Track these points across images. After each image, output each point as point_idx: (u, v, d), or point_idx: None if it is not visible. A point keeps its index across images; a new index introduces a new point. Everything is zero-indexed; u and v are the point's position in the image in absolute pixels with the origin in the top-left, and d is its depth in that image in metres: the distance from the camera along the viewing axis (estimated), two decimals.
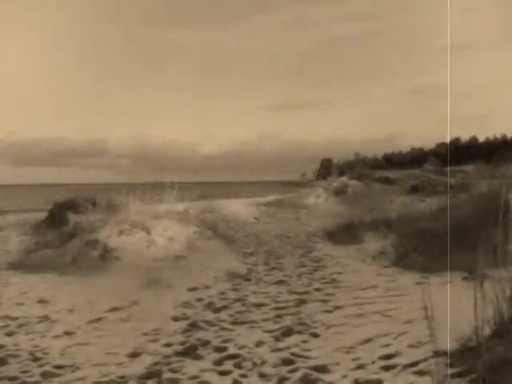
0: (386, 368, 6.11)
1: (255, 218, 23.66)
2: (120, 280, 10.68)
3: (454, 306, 6.88)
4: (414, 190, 29.42)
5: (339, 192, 32.25)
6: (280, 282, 10.83)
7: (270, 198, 33.30)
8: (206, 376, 6.34)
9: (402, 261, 12.01)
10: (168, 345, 7.31)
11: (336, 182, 35.11)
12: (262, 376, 6.26)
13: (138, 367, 6.61)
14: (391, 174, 40.39)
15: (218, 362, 6.71)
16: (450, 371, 5.27)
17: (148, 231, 12.93)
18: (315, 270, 11.98)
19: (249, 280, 11.17)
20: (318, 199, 31.05)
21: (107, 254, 11.93)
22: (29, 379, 6.38)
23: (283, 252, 14.74)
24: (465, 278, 9.31)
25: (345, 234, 16.09)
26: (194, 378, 6.30)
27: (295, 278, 11.27)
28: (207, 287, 10.43)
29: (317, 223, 21.21)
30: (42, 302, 9.45)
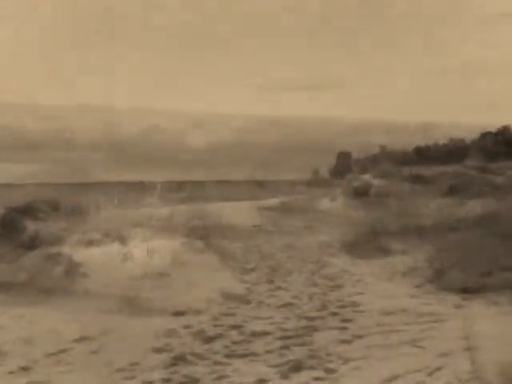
0: None
1: (255, 226, 23.71)
2: (89, 302, 10.68)
3: (503, 336, 6.90)
4: (452, 190, 29.46)
5: (360, 193, 32.31)
6: (287, 305, 10.86)
7: (274, 200, 33.33)
8: None
9: (438, 279, 12.02)
10: (148, 383, 7.29)
11: (356, 180, 35.11)
12: None
13: None
14: (424, 171, 40.37)
15: None
16: None
17: (123, 242, 12.99)
18: (330, 291, 12.00)
19: (248, 302, 11.21)
20: (334, 202, 31.10)
21: (73, 271, 11.96)
22: None
23: (290, 268, 14.76)
24: None
25: (367, 245, 16.14)
26: None
27: (305, 299, 11.30)
28: (197, 312, 10.43)
29: (332, 232, 21.24)
30: None
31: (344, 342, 8.57)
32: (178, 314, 10.24)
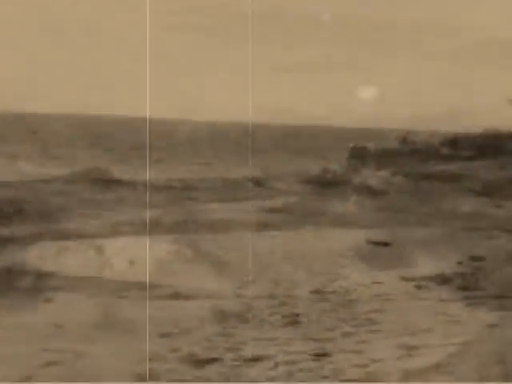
0: None
1: (256, 231, 23.65)
2: (59, 320, 10.66)
3: None
4: (486, 190, 29.47)
5: (377, 193, 32.29)
6: (292, 324, 10.85)
7: (277, 201, 33.21)
8: None
9: (469, 292, 12.07)
10: None
11: (373, 178, 35.13)
12: None
13: None
14: (453, 167, 40.38)
15: None
16: None
17: (100, 250, 13.00)
18: (342, 307, 12.00)
19: (246, 321, 11.16)
20: (347, 203, 31.09)
21: (40, 283, 11.94)
22: None
23: (296, 280, 14.74)
24: None
25: (385, 253, 16.14)
26: None
27: (314, 317, 11.29)
28: (187, 332, 10.41)
29: (344, 238, 21.19)
30: None
31: (360, 366, 8.53)
32: (165, 335, 10.17)
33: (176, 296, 12.04)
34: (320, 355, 9.16)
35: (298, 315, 11.53)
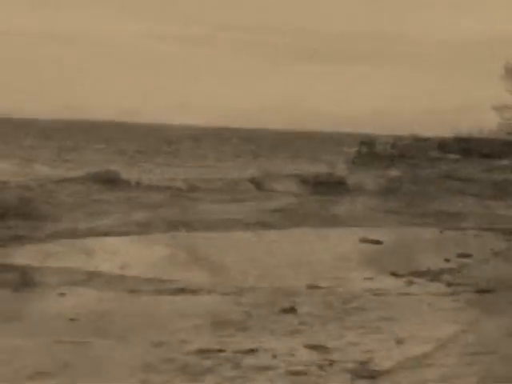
0: None
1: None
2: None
3: None
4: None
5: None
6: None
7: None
8: None
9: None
10: None
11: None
12: None
13: None
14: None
15: None
16: None
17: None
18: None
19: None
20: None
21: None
22: None
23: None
24: None
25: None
26: None
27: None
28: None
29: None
30: None
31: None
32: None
33: (170, 304, 11.67)
34: (325, 366, 8.65)
35: (300, 324, 10.91)
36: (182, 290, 12.44)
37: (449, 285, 13.27)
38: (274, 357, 8.73)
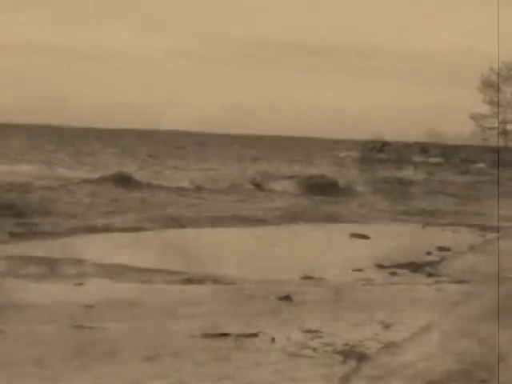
0: None
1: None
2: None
3: None
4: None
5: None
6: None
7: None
8: None
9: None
10: None
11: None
12: None
13: None
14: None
15: None
16: None
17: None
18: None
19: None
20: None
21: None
22: None
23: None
24: None
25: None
26: None
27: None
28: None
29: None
30: None
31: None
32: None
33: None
34: (311, 331, 8.96)
35: (290, 298, 11.00)
36: (189, 280, 12.42)
37: (430, 275, 13.38)
38: (273, 340, 8.60)
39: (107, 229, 18.99)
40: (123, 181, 33.36)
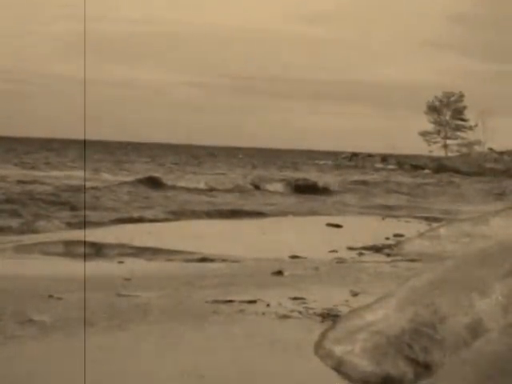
0: None
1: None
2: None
3: None
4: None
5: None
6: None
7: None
8: None
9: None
10: None
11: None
12: None
13: None
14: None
15: None
16: None
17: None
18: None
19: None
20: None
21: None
22: None
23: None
24: None
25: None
26: None
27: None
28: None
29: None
30: None
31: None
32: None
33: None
34: (297, 298, 8.92)
35: (282, 272, 11.19)
36: (203, 259, 12.53)
37: (388, 255, 13.47)
38: (268, 306, 8.55)
39: (141, 220, 19.74)
40: (153, 183, 34.54)
